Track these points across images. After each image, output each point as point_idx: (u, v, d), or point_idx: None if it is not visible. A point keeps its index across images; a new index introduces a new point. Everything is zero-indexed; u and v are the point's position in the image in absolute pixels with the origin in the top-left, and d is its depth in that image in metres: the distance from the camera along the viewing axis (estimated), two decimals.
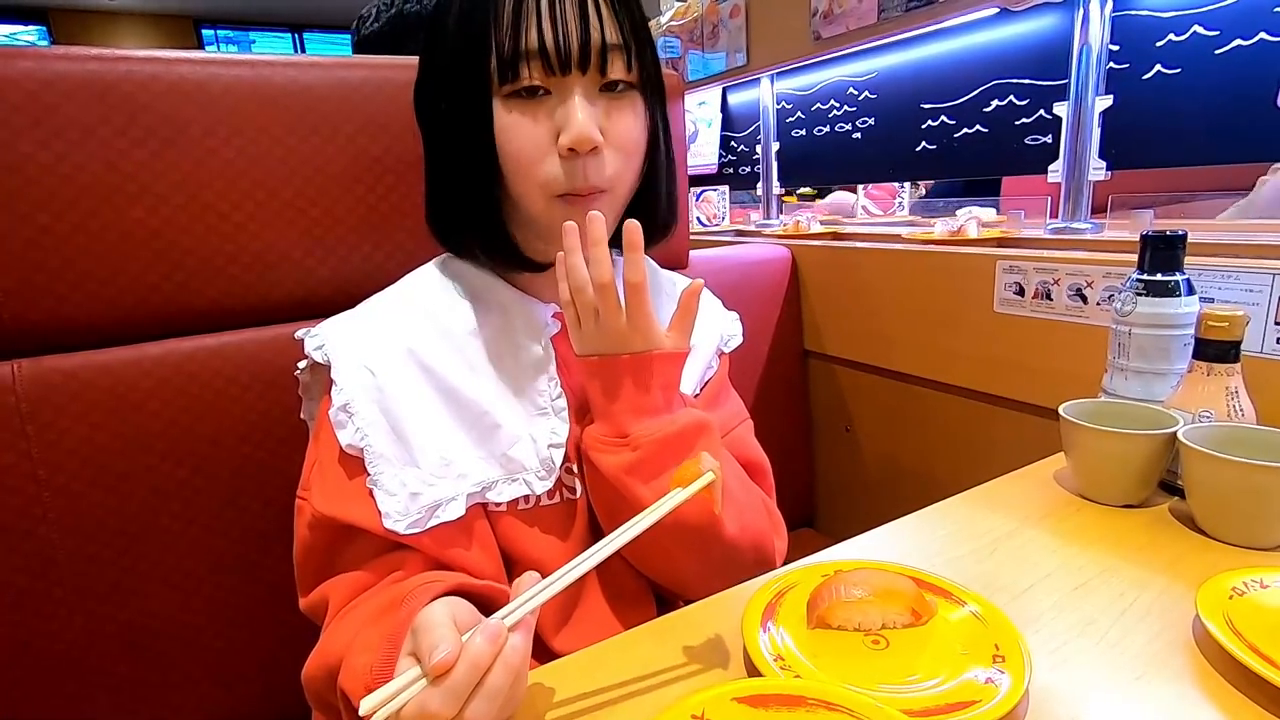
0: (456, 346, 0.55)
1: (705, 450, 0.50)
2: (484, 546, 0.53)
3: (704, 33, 1.58)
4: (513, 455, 0.54)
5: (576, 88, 0.51)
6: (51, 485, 0.61)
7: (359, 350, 0.54)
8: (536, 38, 0.49)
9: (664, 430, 0.52)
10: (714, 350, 0.67)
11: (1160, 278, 0.61)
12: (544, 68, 0.50)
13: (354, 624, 0.48)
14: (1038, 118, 1.13)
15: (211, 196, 0.66)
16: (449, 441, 0.53)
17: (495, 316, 0.57)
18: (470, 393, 0.54)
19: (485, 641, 0.35)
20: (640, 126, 0.54)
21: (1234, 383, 0.57)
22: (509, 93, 0.51)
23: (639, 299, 0.51)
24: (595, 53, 0.50)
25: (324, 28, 8.04)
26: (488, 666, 0.35)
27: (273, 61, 0.68)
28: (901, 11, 1.08)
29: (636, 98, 0.54)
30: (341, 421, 0.52)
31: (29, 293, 0.60)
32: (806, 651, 0.41)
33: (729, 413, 0.66)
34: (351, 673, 0.43)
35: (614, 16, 0.51)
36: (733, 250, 1.21)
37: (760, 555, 0.58)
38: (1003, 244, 1.04)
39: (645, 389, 0.53)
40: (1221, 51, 0.90)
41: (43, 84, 0.59)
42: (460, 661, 0.34)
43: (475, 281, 0.59)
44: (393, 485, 0.50)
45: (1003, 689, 0.37)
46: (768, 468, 0.65)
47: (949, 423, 1.05)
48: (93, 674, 0.65)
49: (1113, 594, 0.47)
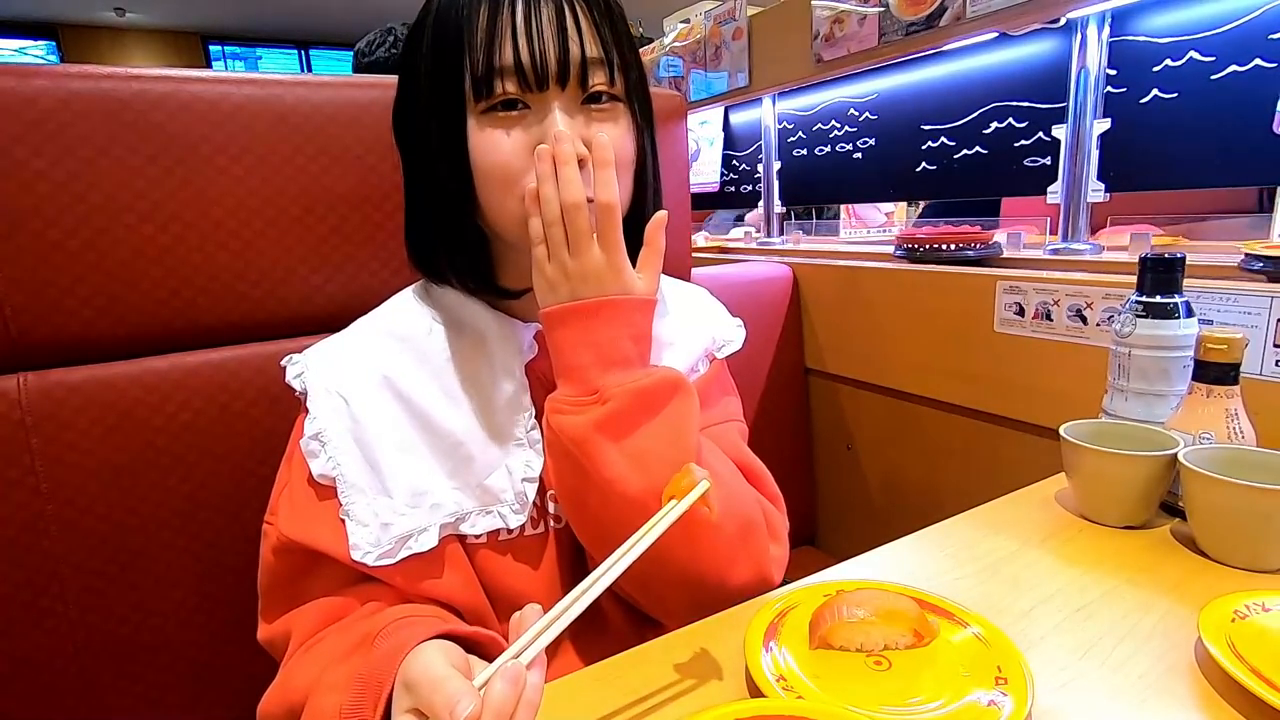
0: (433, 373, 0.54)
1: (684, 413, 0.49)
2: (461, 577, 0.52)
3: (707, 54, 1.60)
4: (488, 485, 0.52)
5: (555, 102, 0.49)
6: (55, 498, 0.61)
7: (334, 378, 0.53)
8: (512, 53, 0.47)
9: (639, 382, 0.48)
10: (702, 351, 0.63)
11: (1159, 300, 0.61)
12: (520, 83, 0.48)
13: (319, 660, 0.46)
14: (1036, 140, 1.14)
15: (221, 214, 0.66)
16: (423, 471, 0.51)
17: (473, 342, 0.56)
18: (446, 422, 0.52)
19: (507, 685, 0.33)
20: (627, 141, 0.52)
21: (1234, 405, 0.57)
22: (485, 109, 0.49)
23: (611, 223, 0.48)
24: (575, 66, 0.49)
25: (331, 45, 8.13)
26: (511, 713, 0.33)
27: (283, 81, 0.69)
28: (902, 35, 1.10)
29: (621, 110, 0.52)
30: (314, 450, 0.51)
31: (38, 307, 0.61)
32: (809, 672, 0.41)
33: (717, 413, 0.62)
34: (319, 713, 0.41)
35: (594, 30, 0.50)
36: (734, 268, 1.22)
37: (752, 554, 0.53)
38: (999, 264, 1.05)
39: (615, 339, 0.49)
40: (1218, 77, 0.91)
41: (57, 102, 0.60)
42: (486, 712, 0.32)
43: (454, 305, 0.57)
44: (365, 515, 0.49)
45: (1005, 711, 0.37)
46: (763, 471, 0.61)
47: (950, 442, 1.05)
48: (94, 687, 0.64)
49: (1115, 616, 0.47)
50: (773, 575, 0.54)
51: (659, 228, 0.52)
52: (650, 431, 0.48)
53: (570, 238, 0.48)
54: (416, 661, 0.36)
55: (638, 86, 0.54)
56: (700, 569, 0.50)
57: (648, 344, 0.52)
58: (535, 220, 0.49)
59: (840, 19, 1.19)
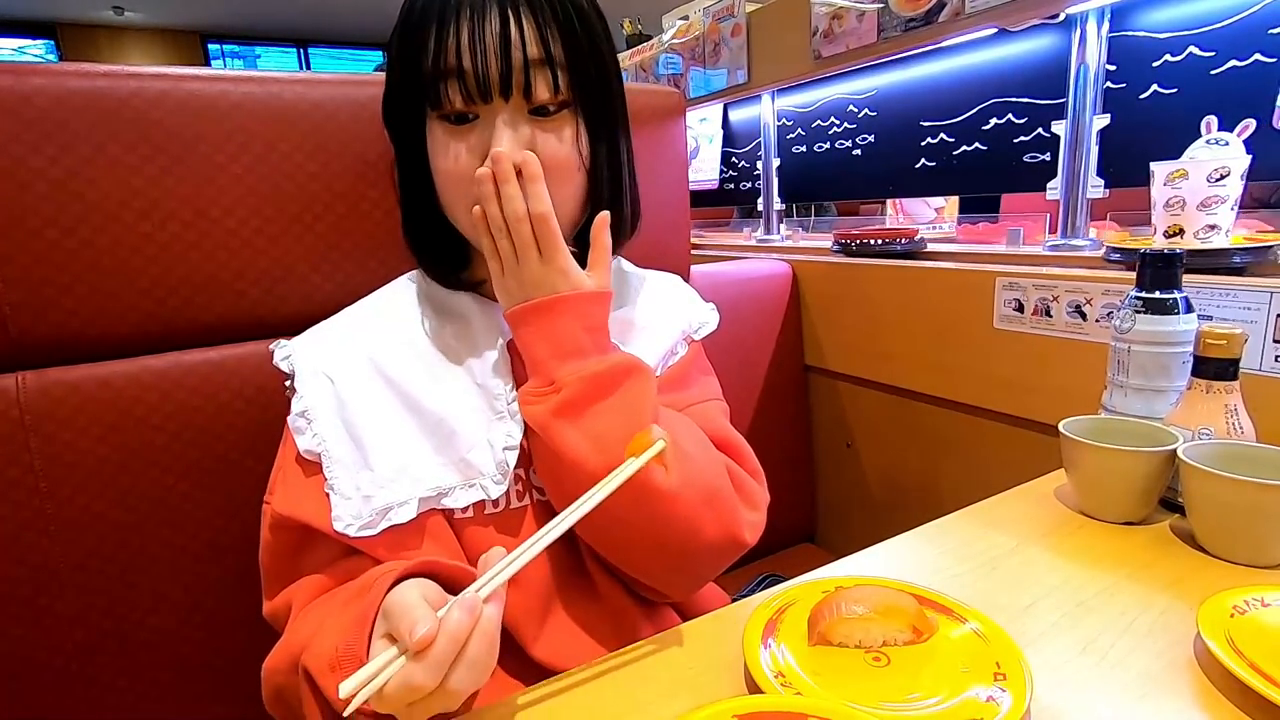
0: (418, 353, 0.57)
1: (639, 393, 0.52)
2: (445, 549, 0.53)
3: (705, 51, 1.60)
4: (471, 460, 0.54)
5: (501, 114, 0.52)
6: (54, 497, 0.61)
7: (321, 359, 0.56)
8: (455, 64, 0.50)
9: (591, 368, 0.51)
10: (678, 335, 0.65)
11: (1159, 295, 0.61)
12: (463, 96, 0.51)
13: (317, 616, 0.49)
14: (1036, 136, 1.14)
15: (219, 212, 0.66)
16: (407, 448, 0.53)
17: (457, 323, 0.59)
18: (430, 401, 0.54)
19: (463, 614, 0.36)
20: (570, 149, 0.54)
21: (1233, 400, 0.57)
22: (439, 116, 0.53)
23: (547, 231, 0.51)
24: (517, 80, 0.51)
25: (329, 43, 8.12)
26: (466, 638, 0.36)
27: (281, 78, 0.69)
28: (901, 31, 1.10)
29: (569, 119, 0.54)
30: (300, 428, 0.53)
31: (36, 306, 0.61)
32: (807, 668, 0.41)
33: (696, 393, 0.63)
34: (316, 654, 0.43)
35: (538, 37, 0.51)
36: (733, 265, 1.22)
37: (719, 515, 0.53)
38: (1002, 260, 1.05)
39: (569, 332, 0.52)
40: (1217, 72, 0.91)
41: (54, 100, 0.60)
42: (440, 635, 0.35)
43: (439, 291, 0.61)
44: (347, 489, 0.51)
45: (1004, 707, 0.37)
46: (741, 444, 0.61)
47: (950, 438, 1.05)
48: (94, 686, 0.64)
49: (1114, 612, 0.47)
50: (744, 536, 0.54)
51: (602, 227, 0.55)
52: (605, 412, 0.51)
53: (517, 249, 0.52)
54: (395, 593, 0.38)
55: (595, 89, 0.55)
56: (662, 530, 0.51)
57: (603, 334, 0.54)
58: (485, 239, 0.53)
59: (839, 15, 1.19)
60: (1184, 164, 0.80)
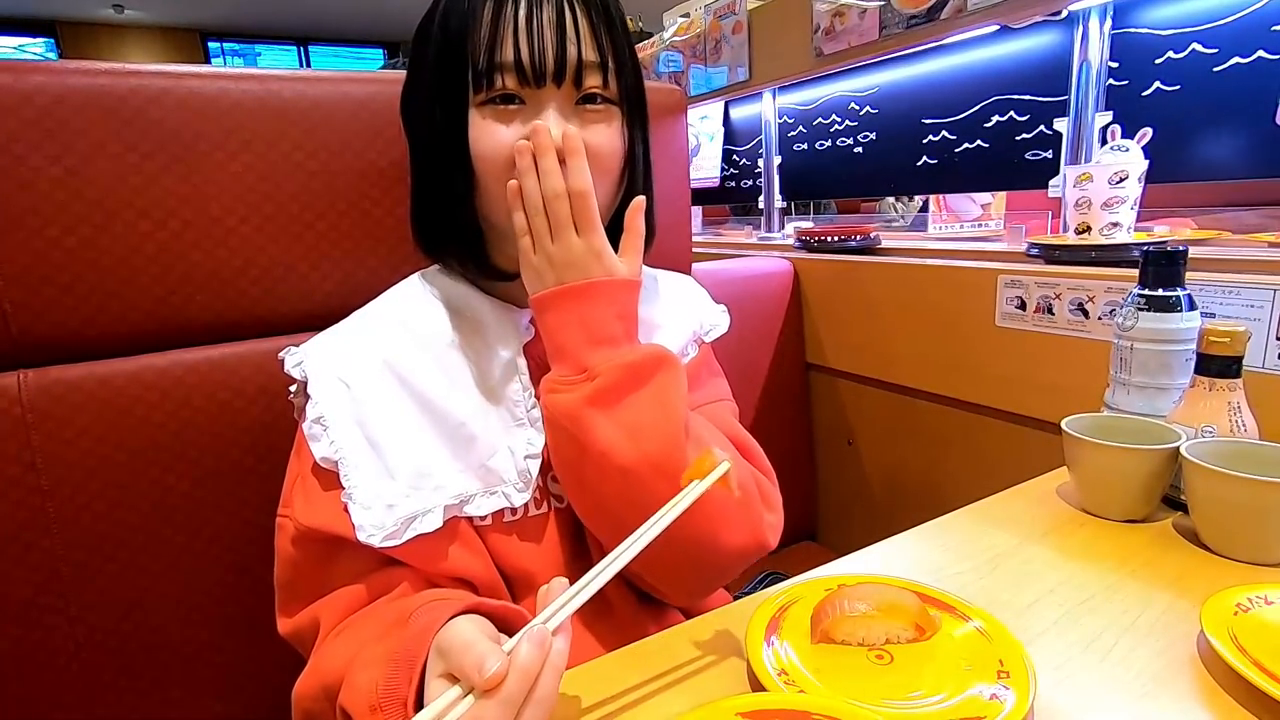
0: (434, 357, 0.55)
1: (671, 385, 0.51)
2: (476, 554, 0.53)
3: (706, 48, 1.59)
4: (491, 466, 0.53)
5: (551, 100, 0.51)
6: (56, 496, 0.61)
7: (335, 364, 0.54)
8: (513, 51, 0.50)
9: (625, 357, 0.50)
10: (690, 336, 0.65)
11: (1161, 293, 0.61)
12: (518, 79, 0.50)
13: (353, 641, 0.47)
14: (1038, 133, 1.14)
15: (219, 210, 0.66)
16: (427, 454, 0.52)
17: (472, 327, 0.57)
18: (448, 404, 0.53)
19: (533, 648, 0.35)
20: (616, 141, 0.54)
21: (1236, 398, 0.57)
22: (484, 101, 0.52)
23: (585, 208, 0.50)
24: (571, 67, 0.51)
25: (329, 41, 8.11)
26: (537, 673, 0.34)
27: (281, 76, 0.69)
28: (902, 28, 1.09)
29: (614, 113, 0.54)
30: (316, 434, 0.51)
31: (37, 304, 0.61)
32: (810, 666, 0.41)
33: (707, 393, 0.63)
34: (355, 690, 0.42)
35: (592, 33, 0.51)
36: (735, 263, 1.22)
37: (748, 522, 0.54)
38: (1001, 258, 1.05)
39: (602, 319, 0.51)
40: (1220, 69, 0.91)
41: (54, 98, 0.60)
42: (512, 672, 0.33)
43: (453, 293, 0.59)
44: (367, 499, 0.49)
45: (1007, 705, 0.37)
46: (754, 446, 0.61)
47: (951, 436, 1.05)
48: (95, 685, 0.64)
49: (1117, 610, 0.47)
50: (768, 540, 0.55)
51: (637, 212, 0.54)
52: (639, 403, 0.50)
53: (552, 226, 0.50)
54: (449, 631, 0.37)
55: (633, 90, 0.55)
56: (700, 533, 0.50)
57: (634, 322, 0.53)
58: (519, 214, 0.51)
59: (840, 12, 1.19)
60: (1089, 168, 0.86)
